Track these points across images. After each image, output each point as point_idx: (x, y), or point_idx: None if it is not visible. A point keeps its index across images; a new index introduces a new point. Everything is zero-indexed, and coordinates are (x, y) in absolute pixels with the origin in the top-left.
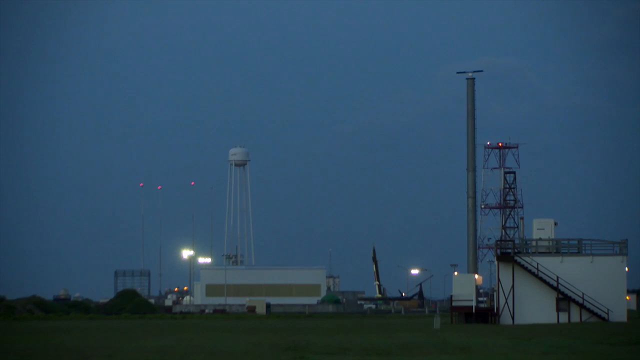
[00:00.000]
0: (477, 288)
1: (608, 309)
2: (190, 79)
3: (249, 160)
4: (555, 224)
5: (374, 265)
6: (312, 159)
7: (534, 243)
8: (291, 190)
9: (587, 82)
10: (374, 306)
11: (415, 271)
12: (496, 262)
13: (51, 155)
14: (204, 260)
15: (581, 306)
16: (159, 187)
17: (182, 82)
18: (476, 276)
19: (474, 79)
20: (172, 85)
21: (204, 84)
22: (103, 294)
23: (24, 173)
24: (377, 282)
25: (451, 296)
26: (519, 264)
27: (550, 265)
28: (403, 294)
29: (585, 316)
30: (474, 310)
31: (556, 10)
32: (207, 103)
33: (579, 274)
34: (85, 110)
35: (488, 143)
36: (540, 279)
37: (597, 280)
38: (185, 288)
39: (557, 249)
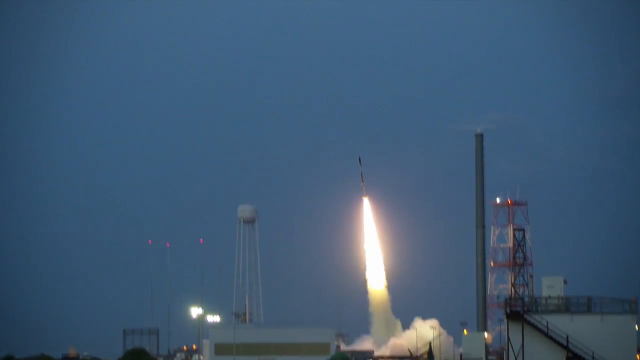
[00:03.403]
0: (487, 347)
1: None
2: (197, 134)
3: (258, 218)
4: (565, 282)
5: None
6: (319, 216)
7: (543, 301)
8: (300, 247)
9: (596, 139)
10: None
11: (424, 328)
12: (506, 321)
13: (57, 212)
14: (213, 318)
15: None
16: (168, 244)
17: (188, 137)
18: (485, 334)
19: (482, 135)
20: (179, 139)
21: (211, 140)
22: (111, 352)
23: (30, 228)
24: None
25: (461, 355)
26: (528, 322)
27: (560, 323)
28: (411, 353)
29: None
30: None
31: (563, 67)
32: (215, 159)
33: (589, 332)
34: (98, 165)
35: (497, 201)
36: (550, 337)
37: (607, 339)
38: (194, 347)
39: (567, 306)
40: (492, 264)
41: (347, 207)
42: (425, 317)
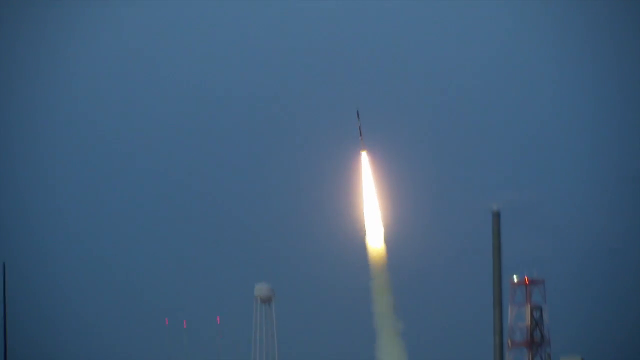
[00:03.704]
0: None
1: None
2: (213, 212)
3: (275, 296)
4: None
5: None
6: (335, 296)
7: None
8: (317, 326)
9: (614, 217)
10: None
11: None
12: None
13: (70, 287)
14: None
15: None
16: (184, 323)
17: (204, 215)
18: None
19: (498, 212)
20: (194, 217)
21: (227, 217)
22: None
23: (43, 300)
24: None
25: None
26: None
27: None
28: None
29: None
30: None
31: (580, 145)
32: (231, 237)
33: None
34: (114, 243)
35: (515, 279)
36: None
37: None
38: None
39: None
40: (509, 343)
41: (357, 277)
42: None
